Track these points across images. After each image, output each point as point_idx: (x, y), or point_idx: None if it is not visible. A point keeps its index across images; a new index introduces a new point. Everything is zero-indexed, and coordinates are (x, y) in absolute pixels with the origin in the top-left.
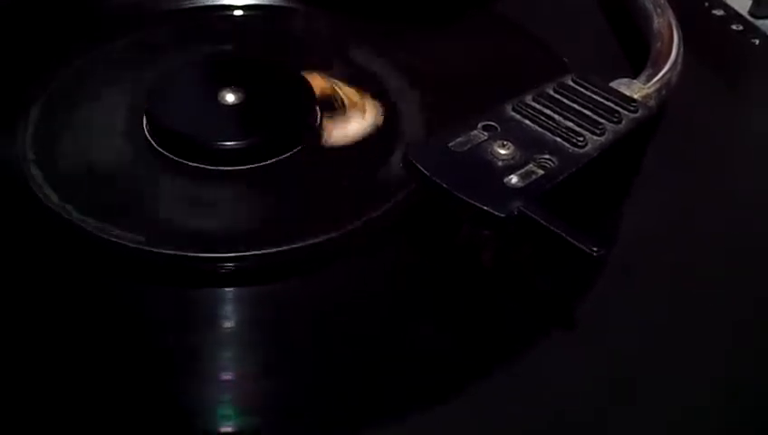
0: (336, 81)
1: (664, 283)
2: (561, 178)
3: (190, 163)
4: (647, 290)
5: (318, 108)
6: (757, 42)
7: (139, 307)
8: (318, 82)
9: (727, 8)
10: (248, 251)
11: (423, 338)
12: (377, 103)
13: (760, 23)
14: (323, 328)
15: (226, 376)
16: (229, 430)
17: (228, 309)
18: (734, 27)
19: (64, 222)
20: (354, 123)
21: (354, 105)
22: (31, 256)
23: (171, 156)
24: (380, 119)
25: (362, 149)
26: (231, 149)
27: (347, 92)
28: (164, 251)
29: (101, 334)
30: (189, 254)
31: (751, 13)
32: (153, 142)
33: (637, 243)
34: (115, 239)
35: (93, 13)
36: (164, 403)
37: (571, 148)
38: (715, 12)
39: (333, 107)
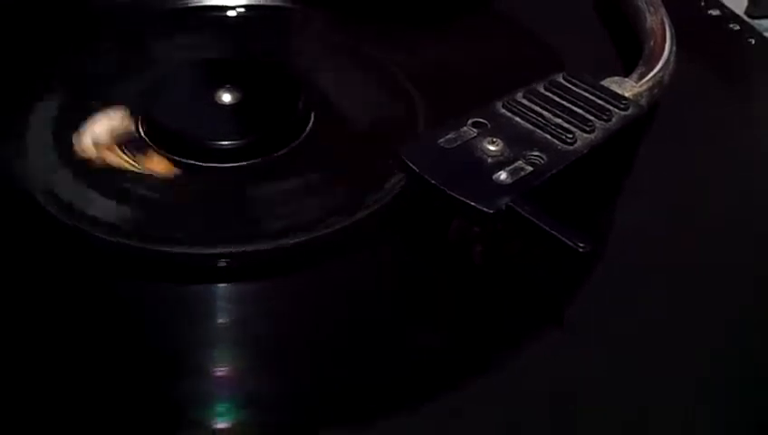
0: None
1: (657, 281)
2: (549, 174)
3: (188, 161)
4: (639, 287)
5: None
6: (753, 41)
7: (135, 304)
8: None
9: (723, 8)
10: (242, 248)
11: (413, 334)
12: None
13: (756, 23)
14: (316, 325)
15: (221, 372)
16: (224, 425)
17: (223, 305)
18: (730, 27)
19: (62, 221)
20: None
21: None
22: (27, 254)
23: (167, 154)
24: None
25: (356, 147)
26: (225, 147)
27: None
28: (160, 248)
29: (99, 332)
30: (186, 251)
31: (747, 13)
32: (149, 141)
33: (629, 241)
34: (113, 238)
35: (92, 12)
36: (159, 399)
37: (561, 145)
38: (711, 12)
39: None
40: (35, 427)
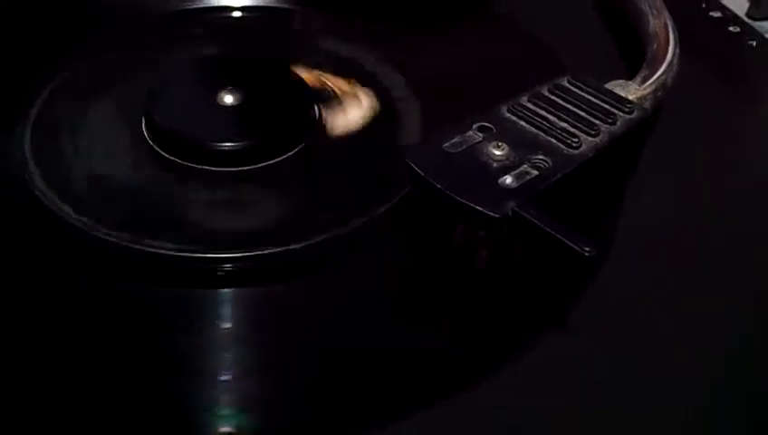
0: (322, 73)
1: (661, 283)
2: (554, 178)
3: (189, 164)
4: (643, 290)
5: (317, 106)
6: (754, 43)
7: (138, 307)
8: (306, 76)
9: (725, 10)
10: (247, 252)
11: (418, 338)
12: (367, 90)
13: (757, 24)
14: (319, 328)
15: (225, 376)
16: (226, 429)
17: (227, 310)
18: (731, 29)
19: (63, 222)
20: (353, 110)
21: (347, 94)
22: (30, 256)
23: (170, 157)
24: (376, 103)
25: (359, 151)
26: (230, 151)
27: (336, 83)
28: (163, 251)
29: (101, 334)
30: (189, 254)
31: (748, 15)
32: (152, 143)
33: (633, 243)
34: (114, 240)
35: (93, 13)
36: (162, 403)
37: (566, 148)
38: (712, 13)
39: (327, 98)
40: (36, 428)
